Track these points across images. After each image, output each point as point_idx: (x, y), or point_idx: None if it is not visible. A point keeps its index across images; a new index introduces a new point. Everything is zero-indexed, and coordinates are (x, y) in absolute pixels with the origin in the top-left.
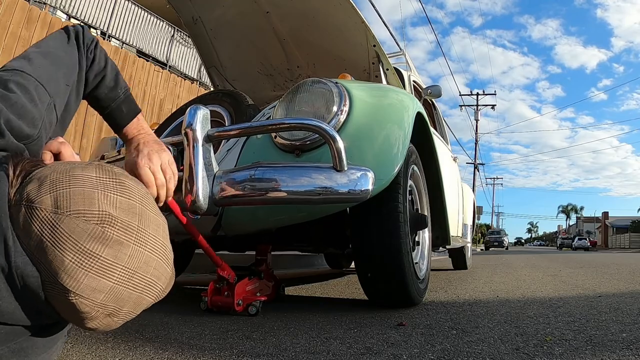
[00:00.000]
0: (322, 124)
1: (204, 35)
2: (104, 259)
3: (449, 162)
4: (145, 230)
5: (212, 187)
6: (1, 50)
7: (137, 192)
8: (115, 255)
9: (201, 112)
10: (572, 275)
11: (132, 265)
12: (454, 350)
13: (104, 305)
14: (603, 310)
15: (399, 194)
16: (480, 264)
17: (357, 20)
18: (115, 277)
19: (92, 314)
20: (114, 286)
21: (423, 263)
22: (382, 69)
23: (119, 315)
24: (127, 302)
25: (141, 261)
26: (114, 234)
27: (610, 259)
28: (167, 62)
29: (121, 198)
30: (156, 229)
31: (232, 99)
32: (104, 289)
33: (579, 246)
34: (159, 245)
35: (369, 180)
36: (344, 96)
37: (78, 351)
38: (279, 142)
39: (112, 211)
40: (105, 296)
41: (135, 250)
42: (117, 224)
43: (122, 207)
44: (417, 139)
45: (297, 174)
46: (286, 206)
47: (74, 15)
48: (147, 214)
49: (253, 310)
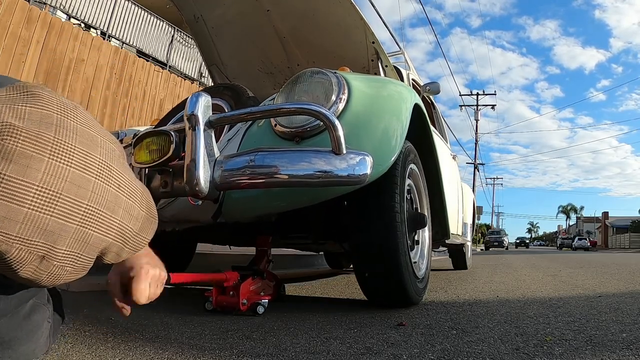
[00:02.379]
0: (321, 108)
1: (205, 34)
2: (9, 177)
3: (448, 160)
4: (67, 142)
5: (213, 172)
6: (1, 50)
7: (55, 101)
8: (22, 172)
9: (203, 99)
10: (572, 275)
11: (51, 184)
12: (454, 350)
13: (27, 241)
14: (603, 310)
15: (396, 194)
16: (480, 264)
17: (356, 18)
18: (30, 201)
19: (13, 254)
20: (32, 213)
21: (422, 262)
22: (381, 66)
23: (57, 258)
24: (61, 237)
25: (65, 179)
26: (18, 146)
27: (610, 259)
28: (167, 62)
29: (31, 108)
30: (90, 145)
31: (233, 91)
32: (18, 217)
33: (579, 246)
34: (96, 165)
35: (368, 165)
36: (343, 85)
37: (78, 351)
38: (279, 130)
39: (15, 122)
40: (23, 227)
41: (53, 166)
42: (22, 135)
43: (32, 117)
44: (415, 133)
45: (296, 158)
46: (286, 191)
47: (74, 15)
48: (72, 125)
49: (261, 310)
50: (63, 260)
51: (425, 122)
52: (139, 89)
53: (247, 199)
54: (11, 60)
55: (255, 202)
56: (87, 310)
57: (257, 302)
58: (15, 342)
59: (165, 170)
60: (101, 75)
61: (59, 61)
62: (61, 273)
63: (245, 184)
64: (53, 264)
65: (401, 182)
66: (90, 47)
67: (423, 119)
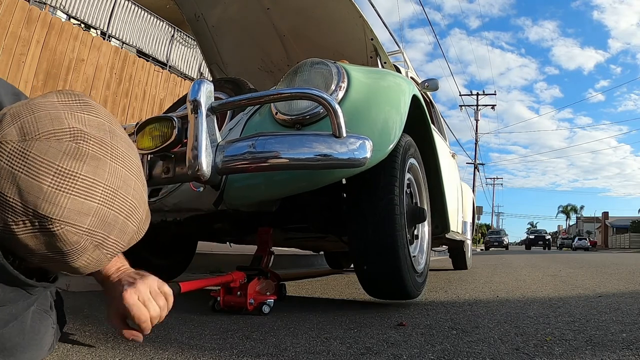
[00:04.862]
0: (322, 93)
1: (206, 32)
2: (84, 176)
3: (447, 157)
4: (118, 147)
5: (215, 157)
6: (1, 50)
7: (103, 111)
8: (94, 172)
9: (205, 85)
10: (572, 275)
11: (112, 183)
12: (454, 350)
13: (92, 232)
14: (603, 310)
15: (395, 187)
16: (480, 264)
17: (355, 15)
18: (99, 197)
19: (80, 245)
20: (99, 207)
21: (422, 257)
22: (380, 63)
23: (107, 246)
24: (113, 228)
25: (120, 179)
26: (90, 149)
27: (610, 259)
28: (167, 62)
29: (89, 116)
30: (128, 147)
31: (234, 84)
32: (90, 211)
33: (579, 246)
34: (134, 165)
35: (368, 148)
36: (342, 74)
37: (78, 351)
38: (280, 117)
39: (83, 127)
40: (92, 220)
41: (113, 167)
42: (91, 140)
43: (92, 124)
44: (414, 126)
45: (297, 142)
46: (286, 177)
47: (74, 15)
48: (117, 132)
49: (267, 309)
50: (109, 248)
51: (424, 114)
52: (139, 88)
53: (248, 185)
54: (11, 60)
55: (256, 188)
56: (87, 310)
57: (263, 302)
58: (18, 349)
59: (168, 156)
60: (101, 75)
61: (59, 61)
62: (104, 260)
63: (246, 168)
64: (102, 252)
65: (401, 176)
66: (90, 47)
67: (422, 110)
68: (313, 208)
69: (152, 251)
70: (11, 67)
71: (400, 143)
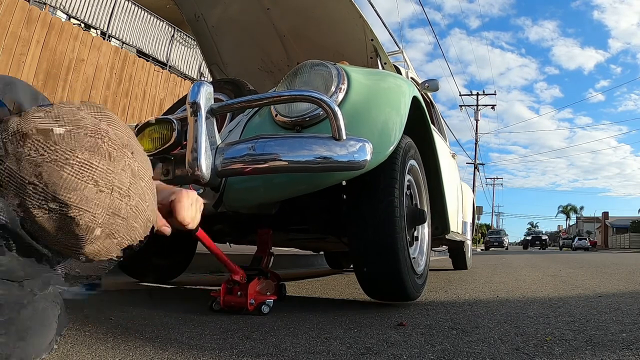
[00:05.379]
0: (322, 95)
1: (206, 33)
2: (101, 169)
3: (447, 158)
4: (134, 150)
5: (215, 159)
6: (1, 50)
7: (121, 123)
8: (111, 168)
9: (205, 87)
10: (572, 275)
11: (125, 180)
12: (454, 350)
13: (107, 223)
14: (603, 310)
15: (395, 189)
16: (480, 264)
17: (355, 15)
18: (113, 190)
19: (93, 232)
20: (113, 200)
21: (421, 258)
22: (380, 63)
23: (117, 237)
24: (124, 221)
25: (135, 177)
26: (107, 147)
27: (610, 259)
28: (167, 62)
29: (108, 121)
30: (142, 152)
31: (234, 86)
32: (103, 202)
33: (579, 246)
34: (145, 165)
35: (368, 151)
36: (342, 76)
37: (78, 351)
38: (280, 120)
39: (103, 126)
40: (104, 210)
41: (127, 165)
42: (109, 139)
43: (112, 129)
44: (415, 127)
45: (297, 144)
46: (285, 179)
47: (74, 15)
48: (133, 144)
49: (266, 309)
50: (119, 241)
51: (424, 115)
52: (139, 89)
53: (248, 187)
54: (11, 60)
55: (255, 191)
56: (87, 310)
57: (262, 302)
58: (29, 333)
59: (167, 159)
60: (101, 75)
61: (59, 61)
62: (112, 250)
63: (246, 170)
64: (113, 242)
65: (401, 178)
66: (90, 47)
67: (422, 111)
68: (312, 210)
69: (152, 251)
70: (11, 67)
71: (400, 145)
